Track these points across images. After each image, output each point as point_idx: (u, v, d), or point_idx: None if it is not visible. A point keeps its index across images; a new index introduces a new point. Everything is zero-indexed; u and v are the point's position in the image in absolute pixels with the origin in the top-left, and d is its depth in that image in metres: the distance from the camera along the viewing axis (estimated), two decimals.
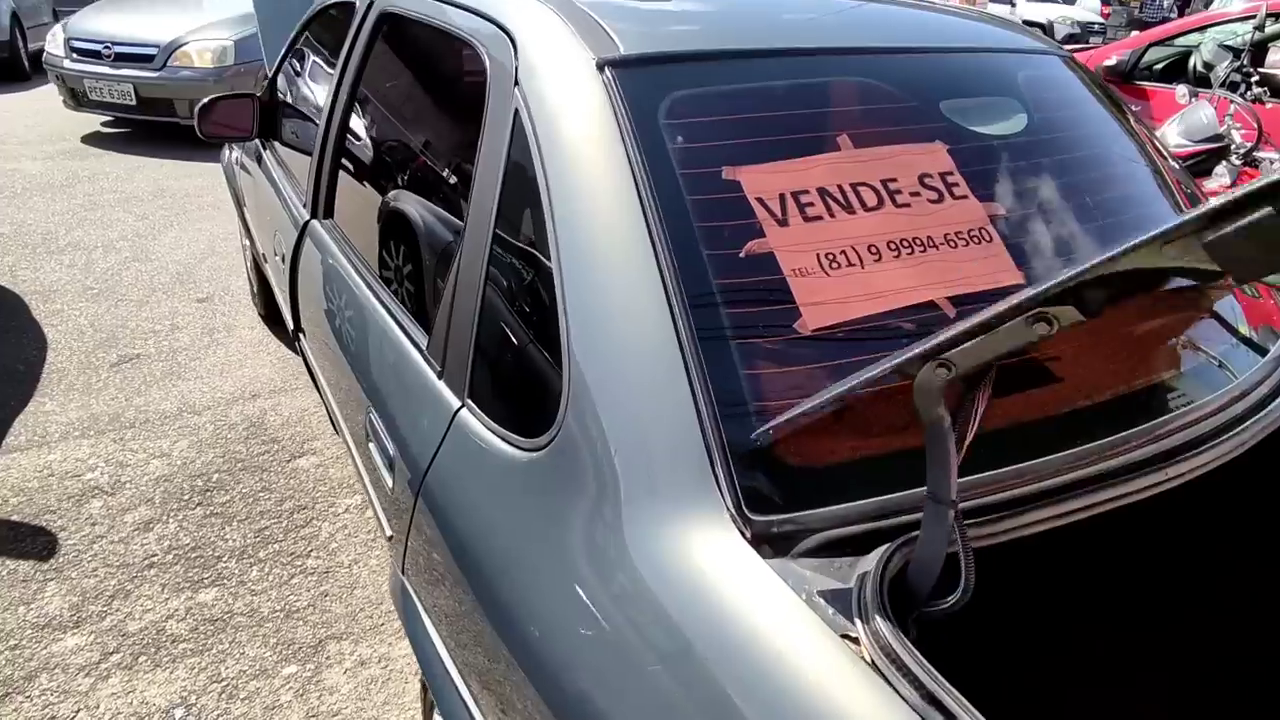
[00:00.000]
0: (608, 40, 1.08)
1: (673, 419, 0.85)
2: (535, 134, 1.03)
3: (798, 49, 1.14)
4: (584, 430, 0.90)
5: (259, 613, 2.15)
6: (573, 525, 0.88)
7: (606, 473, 0.87)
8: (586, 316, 0.92)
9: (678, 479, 0.83)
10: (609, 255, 0.93)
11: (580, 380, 0.91)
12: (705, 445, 0.83)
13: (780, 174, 1.00)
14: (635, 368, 0.88)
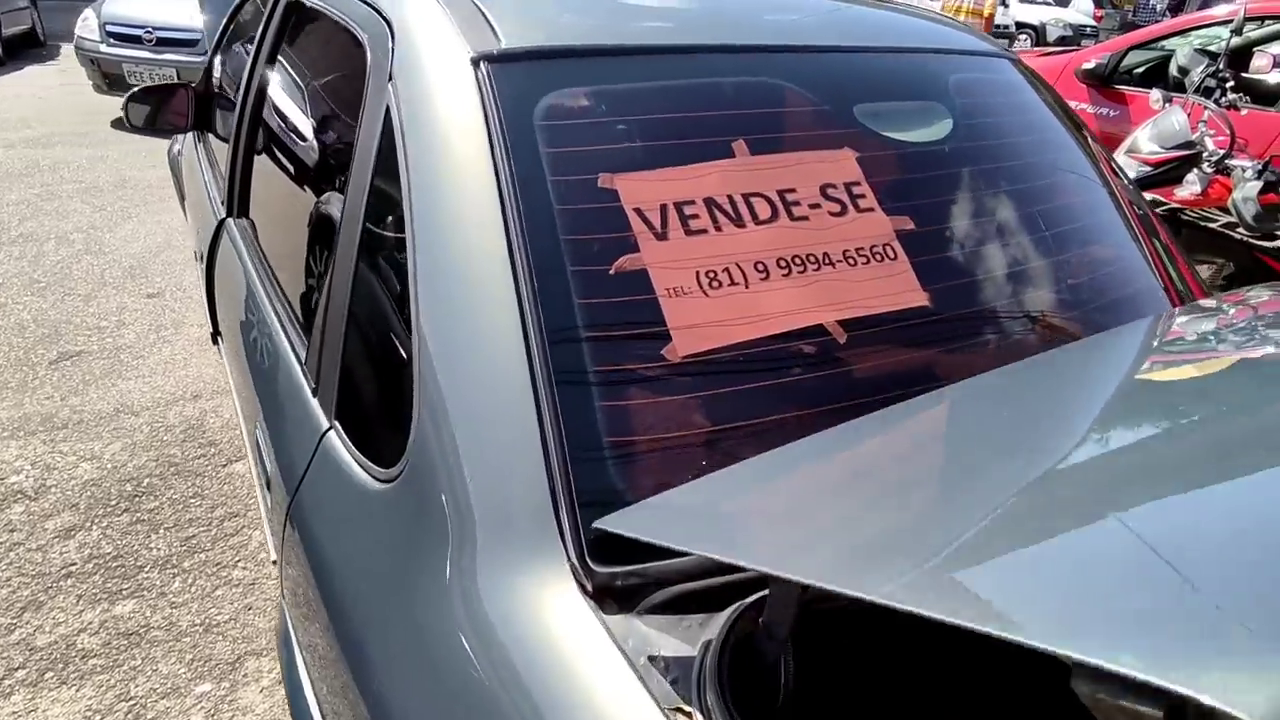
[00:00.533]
0: (488, 33, 0.99)
1: (518, 456, 0.77)
2: (403, 136, 0.94)
3: (696, 46, 1.05)
4: (429, 464, 0.82)
5: (177, 626, 2.06)
6: (415, 567, 0.81)
7: (448, 512, 0.79)
8: (438, 338, 0.84)
9: (519, 523, 0.75)
10: (465, 273, 0.84)
11: (428, 408, 0.83)
12: (550, 487, 0.75)
13: (663, 183, 0.91)
14: (483, 398, 0.80)
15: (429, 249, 0.87)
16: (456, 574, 0.75)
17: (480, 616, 0.71)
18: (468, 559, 0.75)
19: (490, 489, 0.77)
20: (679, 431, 0.81)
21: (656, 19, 1.11)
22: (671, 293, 0.85)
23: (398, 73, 1.00)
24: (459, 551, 0.76)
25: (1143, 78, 4.43)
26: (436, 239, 0.87)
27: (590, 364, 0.81)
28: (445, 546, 0.77)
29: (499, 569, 0.74)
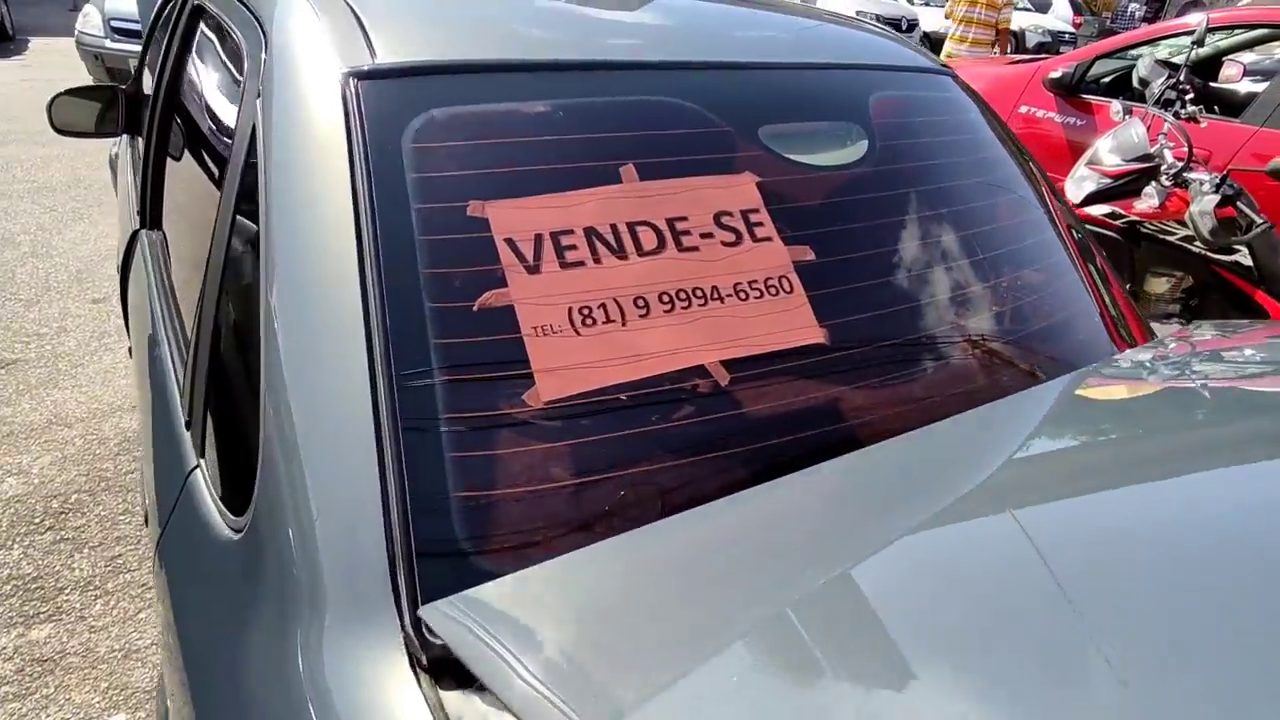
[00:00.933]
0: (363, 47, 0.92)
1: (358, 515, 0.71)
2: (265, 159, 0.88)
3: (589, 62, 0.99)
4: (272, 516, 0.76)
5: (95, 652, 1.98)
6: (252, 628, 0.74)
7: (286, 573, 0.72)
8: (283, 380, 0.77)
9: (356, 589, 0.69)
10: (314, 310, 0.78)
11: (271, 458, 0.76)
12: (389, 551, 0.69)
13: (540, 211, 0.85)
14: (326, 449, 0.73)
15: (281, 282, 0.81)
16: (291, 641, 0.69)
17: (313, 687, 0.65)
18: (303, 626, 0.69)
19: (329, 550, 0.71)
20: (536, 486, 0.75)
21: (552, 33, 1.05)
22: (538, 331, 0.79)
23: (265, 88, 0.93)
24: (295, 617, 0.70)
25: (1110, 87, 4.41)
26: (289, 272, 0.81)
27: (443, 411, 0.75)
28: (281, 610, 0.71)
29: (333, 638, 0.68)
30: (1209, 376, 1.10)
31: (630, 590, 0.68)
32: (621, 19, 1.15)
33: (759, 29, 1.22)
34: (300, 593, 0.70)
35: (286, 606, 0.71)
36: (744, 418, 0.84)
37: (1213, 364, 1.16)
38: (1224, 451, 0.90)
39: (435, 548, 0.70)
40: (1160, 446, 0.90)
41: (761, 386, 0.86)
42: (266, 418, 0.77)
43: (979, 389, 0.97)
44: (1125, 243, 2.99)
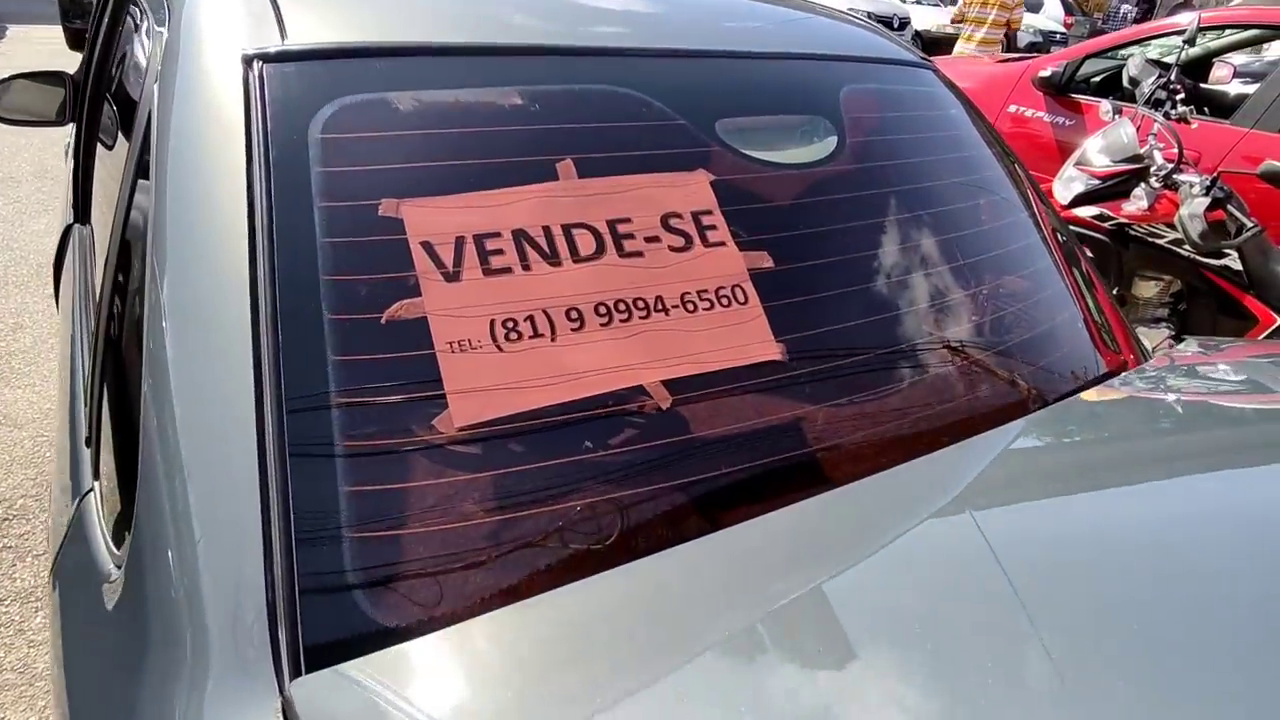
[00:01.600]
0: (273, 26, 0.83)
1: (237, 557, 0.62)
2: (156, 151, 0.79)
3: (526, 46, 0.90)
4: (151, 552, 0.67)
5: (32, 669, 1.88)
6: (124, 674, 0.66)
7: (157, 616, 0.64)
8: (169, 397, 0.68)
9: (233, 640, 0.60)
10: (202, 321, 0.69)
11: (149, 487, 0.67)
12: (269, 599, 0.60)
13: (462, 210, 0.76)
14: (206, 480, 0.64)
15: (169, 289, 0.72)
16: (159, 694, 0.61)
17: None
18: (172, 678, 0.60)
19: (204, 594, 0.62)
20: (445, 526, 0.66)
21: (487, 14, 0.96)
22: (455, 347, 0.70)
23: (163, 70, 0.84)
24: (165, 668, 0.61)
25: (1099, 87, 4.35)
26: (177, 278, 0.72)
27: (340, 438, 0.66)
28: (149, 656, 0.63)
29: (207, 693, 0.59)
30: (1198, 407, 1.03)
31: (538, 668, 0.59)
32: (575, 2, 1.06)
33: (720, 14, 1.13)
34: (175, 644, 0.61)
35: (158, 658, 0.62)
36: (688, 446, 0.75)
37: (1202, 391, 1.09)
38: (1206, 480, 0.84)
39: (322, 598, 0.61)
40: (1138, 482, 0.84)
41: (709, 410, 0.77)
42: (146, 442, 0.68)
43: (953, 413, 0.89)
44: (1113, 245, 2.93)
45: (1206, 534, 0.80)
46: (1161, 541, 0.78)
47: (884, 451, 0.84)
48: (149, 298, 0.73)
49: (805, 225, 0.93)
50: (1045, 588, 0.68)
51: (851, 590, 0.67)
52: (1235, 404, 1.10)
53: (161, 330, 0.70)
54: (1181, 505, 0.86)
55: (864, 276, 0.93)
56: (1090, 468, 0.91)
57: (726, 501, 0.75)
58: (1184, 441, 0.99)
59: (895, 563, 0.71)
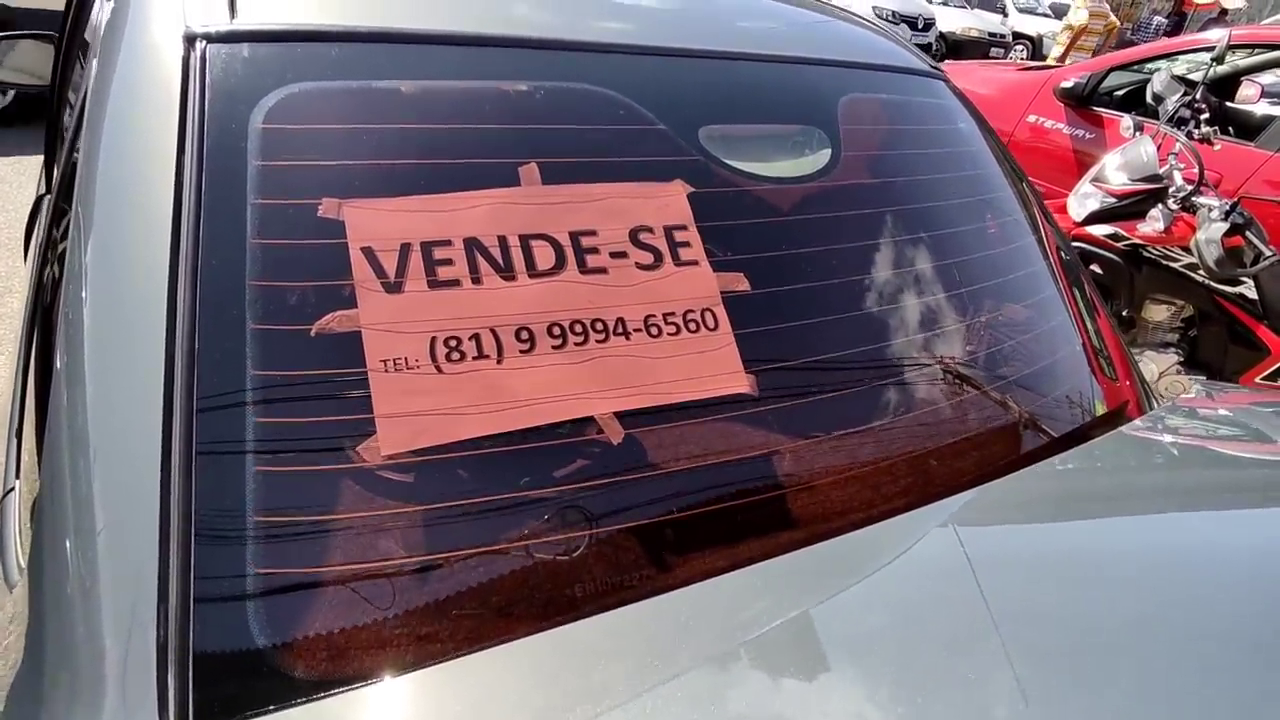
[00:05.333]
0: (222, 2, 0.77)
1: (127, 591, 0.56)
2: (86, 134, 0.73)
3: (492, 37, 0.83)
4: (51, 564, 0.62)
5: None
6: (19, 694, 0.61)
7: (55, 635, 0.59)
8: (77, 400, 0.63)
9: (122, 677, 0.55)
10: (116, 321, 0.63)
11: (55, 488, 0.62)
12: (160, 639, 0.54)
13: (410, 214, 0.70)
14: (105, 503, 0.59)
15: (86, 277, 0.66)
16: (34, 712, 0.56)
17: None
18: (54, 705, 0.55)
19: (90, 627, 0.57)
20: (362, 566, 0.60)
21: (457, 1, 0.89)
22: (389, 366, 0.64)
23: (103, 45, 0.78)
24: (50, 692, 0.56)
25: (1123, 100, 4.25)
26: (95, 266, 0.66)
27: (252, 464, 0.60)
28: (39, 682, 0.58)
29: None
30: (1200, 454, 0.97)
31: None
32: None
33: (712, 10, 1.06)
34: (54, 679, 0.56)
35: (49, 685, 0.57)
36: (641, 487, 0.69)
37: (1205, 438, 1.03)
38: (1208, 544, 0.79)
39: (217, 644, 0.55)
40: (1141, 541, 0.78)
41: (666, 447, 0.71)
42: (53, 447, 0.63)
43: (939, 456, 0.83)
44: (1125, 266, 2.85)
45: (1201, 576, 0.76)
46: (1154, 584, 0.74)
47: (865, 497, 0.78)
48: (69, 289, 0.67)
49: (790, 245, 0.86)
50: (1033, 635, 0.62)
51: (826, 647, 0.61)
52: (1235, 452, 1.04)
53: (79, 328, 0.64)
54: (1177, 549, 0.82)
55: (849, 305, 0.87)
56: (1085, 517, 0.85)
57: (685, 548, 0.69)
58: (1181, 489, 0.94)
59: (880, 613, 0.65)
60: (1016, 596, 0.69)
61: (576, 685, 0.56)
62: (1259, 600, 0.72)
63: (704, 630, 0.61)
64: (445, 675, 0.57)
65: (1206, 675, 0.64)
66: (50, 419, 0.64)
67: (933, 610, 0.65)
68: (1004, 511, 0.82)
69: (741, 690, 0.58)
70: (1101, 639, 0.65)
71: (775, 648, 0.60)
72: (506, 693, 0.56)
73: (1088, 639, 0.64)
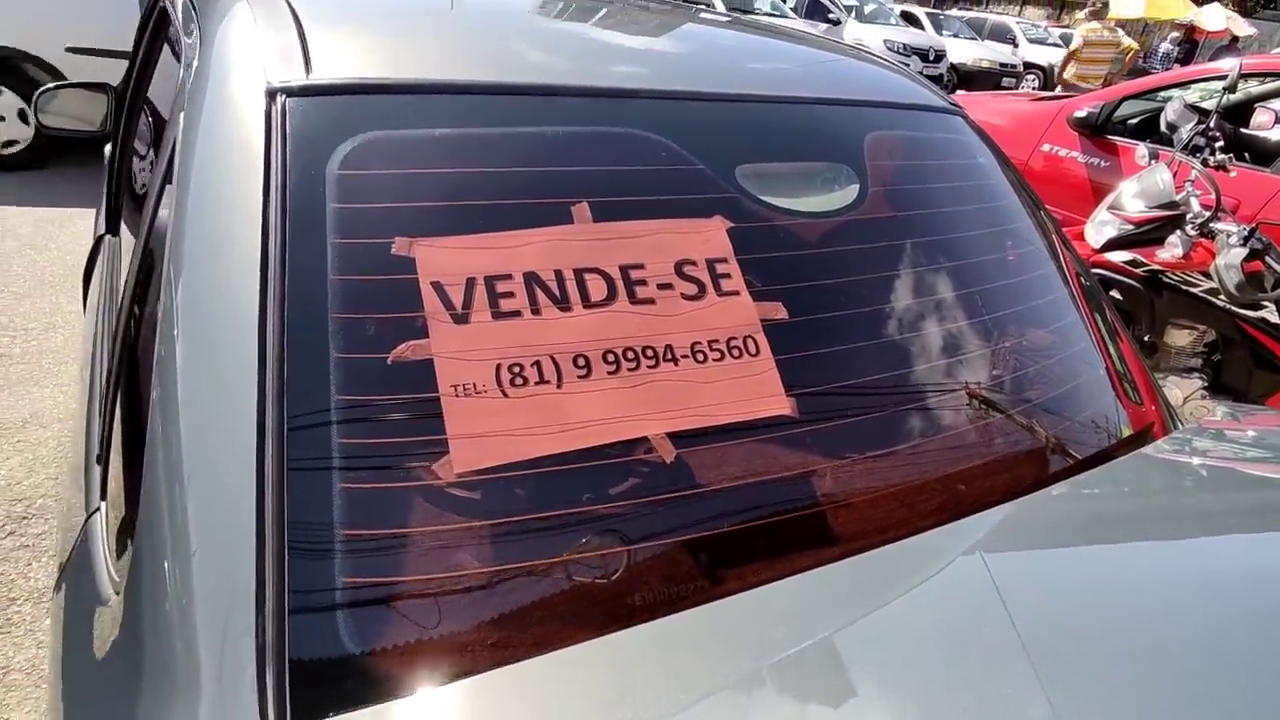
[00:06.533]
0: (299, 60, 0.84)
1: (230, 598, 0.61)
2: (179, 180, 0.80)
3: (545, 86, 0.90)
4: (150, 579, 0.67)
5: (39, 670, 1.89)
6: (116, 701, 0.65)
7: (155, 645, 0.63)
8: (174, 429, 0.68)
9: (220, 681, 0.60)
10: (207, 354, 0.69)
11: (154, 509, 0.67)
12: (258, 640, 0.59)
13: (475, 251, 0.76)
14: (204, 520, 0.64)
15: (179, 320, 0.72)
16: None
17: None
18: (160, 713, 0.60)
19: (196, 631, 0.62)
20: (439, 576, 0.65)
21: (509, 52, 0.96)
22: (459, 391, 0.70)
23: (189, 100, 0.85)
24: (154, 702, 0.61)
25: (1137, 129, 4.29)
26: (188, 303, 0.72)
27: (338, 482, 0.65)
28: (144, 689, 0.62)
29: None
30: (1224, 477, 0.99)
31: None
32: (586, 38, 1.06)
33: (744, 55, 1.12)
34: (164, 680, 0.61)
35: (149, 693, 0.62)
36: (691, 501, 0.73)
37: (1230, 460, 1.05)
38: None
39: (312, 645, 0.60)
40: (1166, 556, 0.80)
41: (715, 465, 0.75)
42: (151, 471, 0.69)
43: (968, 476, 0.87)
44: (1145, 292, 2.87)
45: (1228, 597, 0.78)
46: (1176, 610, 0.76)
47: (897, 515, 0.81)
48: (162, 325, 0.73)
49: (823, 276, 0.92)
50: (1061, 656, 0.65)
51: (859, 662, 0.65)
52: (1262, 473, 1.07)
53: (173, 361, 0.70)
54: (1204, 571, 0.84)
55: (881, 331, 0.91)
56: (1112, 537, 0.88)
57: (730, 561, 0.73)
58: (1206, 510, 0.96)
59: (906, 630, 0.68)
60: (1043, 614, 0.72)
61: (625, 683, 0.60)
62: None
63: (742, 640, 0.65)
64: (513, 678, 0.61)
65: (1235, 698, 0.66)
66: (147, 449, 0.69)
67: (959, 625, 0.68)
68: (1031, 530, 0.85)
69: (777, 697, 0.61)
70: (1125, 656, 0.67)
71: (808, 659, 0.64)
72: (571, 693, 0.60)
73: (1111, 655, 0.67)
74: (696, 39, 1.18)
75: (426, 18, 1.05)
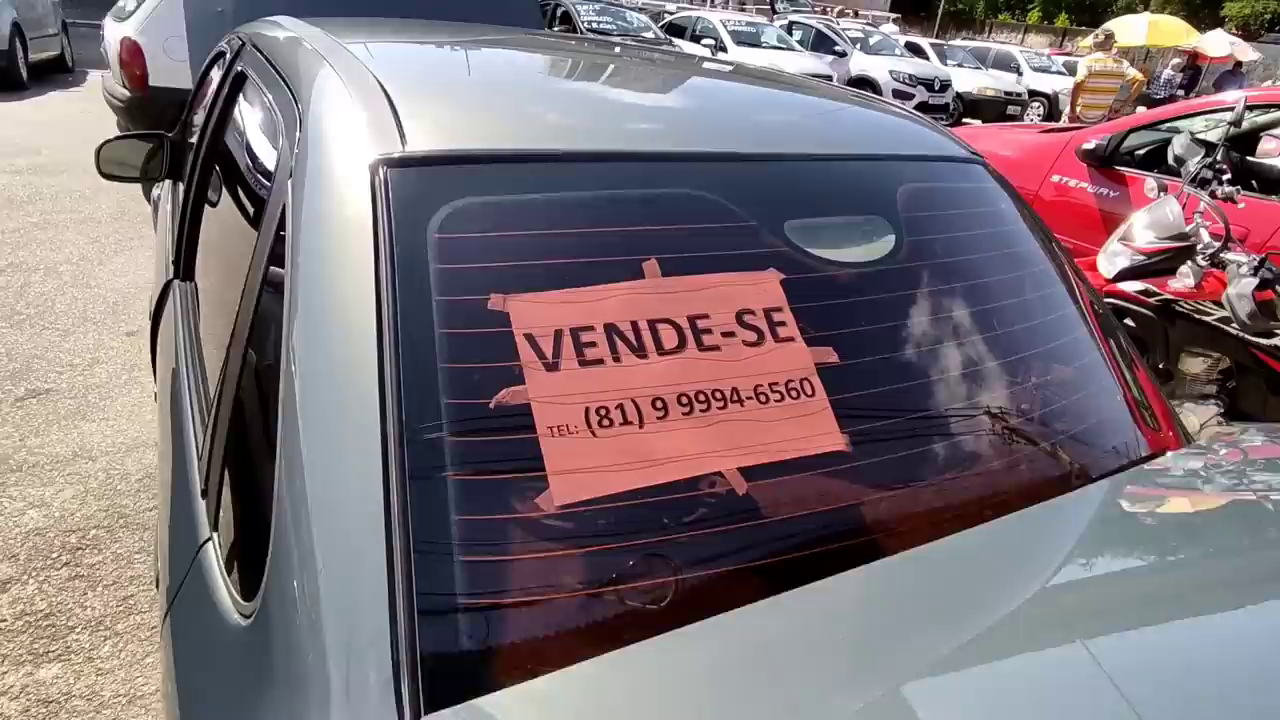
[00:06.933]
0: (394, 134, 0.94)
1: (365, 613, 0.69)
2: (292, 241, 0.89)
3: (613, 153, 1.00)
4: (281, 606, 0.75)
5: (100, 695, 1.97)
6: (250, 714, 0.73)
7: (293, 667, 0.71)
8: (297, 468, 0.77)
9: (360, 691, 0.68)
10: (331, 401, 0.78)
11: (284, 544, 0.76)
12: (394, 653, 0.67)
13: (560, 306, 0.85)
14: (337, 539, 0.73)
15: (299, 367, 0.81)
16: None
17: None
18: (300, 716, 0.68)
19: (333, 649, 0.70)
20: (547, 592, 0.73)
21: (579, 123, 1.06)
22: (554, 431, 0.78)
23: (296, 169, 0.95)
24: (292, 709, 0.69)
25: (1145, 159, 4.39)
26: (308, 358, 0.81)
27: (455, 512, 0.74)
28: (285, 707, 0.70)
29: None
30: (1253, 489, 1.06)
31: (641, 706, 0.66)
32: (647, 107, 1.16)
33: (786, 115, 1.22)
34: (305, 691, 0.69)
35: (291, 704, 0.69)
36: (761, 528, 0.82)
37: (1256, 475, 1.12)
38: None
39: (440, 654, 0.68)
40: (1197, 568, 0.88)
41: (780, 495, 0.84)
42: (280, 507, 0.77)
43: (1008, 498, 0.95)
44: (1159, 321, 2.94)
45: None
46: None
47: (938, 536, 0.90)
48: (285, 373, 0.82)
49: (867, 322, 1.00)
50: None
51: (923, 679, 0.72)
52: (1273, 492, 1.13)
53: (298, 406, 0.79)
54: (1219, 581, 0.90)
55: (924, 370, 1.00)
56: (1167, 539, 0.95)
57: (795, 577, 0.81)
58: (1217, 520, 1.03)
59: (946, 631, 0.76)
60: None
61: (716, 667, 0.68)
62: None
63: (814, 643, 0.73)
64: (606, 669, 0.69)
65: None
66: (277, 486, 0.77)
67: (1014, 631, 0.76)
68: (1056, 539, 0.93)
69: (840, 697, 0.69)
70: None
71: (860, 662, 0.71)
72: (652, 688, 0.68)
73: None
74: (744, 101, 1.29)
75: (498, 92, 1.15)
